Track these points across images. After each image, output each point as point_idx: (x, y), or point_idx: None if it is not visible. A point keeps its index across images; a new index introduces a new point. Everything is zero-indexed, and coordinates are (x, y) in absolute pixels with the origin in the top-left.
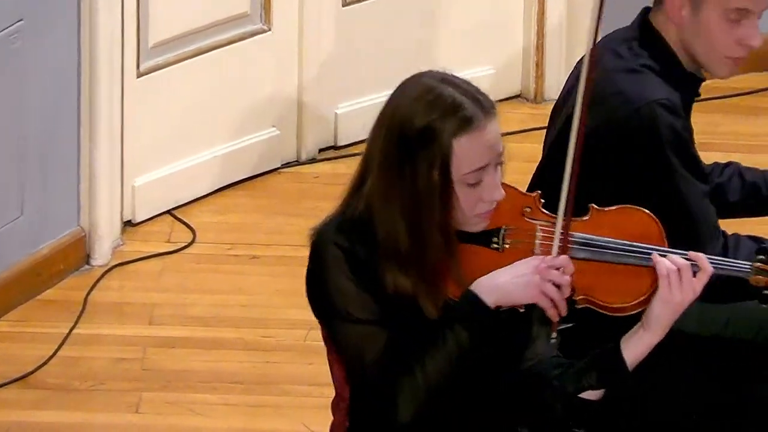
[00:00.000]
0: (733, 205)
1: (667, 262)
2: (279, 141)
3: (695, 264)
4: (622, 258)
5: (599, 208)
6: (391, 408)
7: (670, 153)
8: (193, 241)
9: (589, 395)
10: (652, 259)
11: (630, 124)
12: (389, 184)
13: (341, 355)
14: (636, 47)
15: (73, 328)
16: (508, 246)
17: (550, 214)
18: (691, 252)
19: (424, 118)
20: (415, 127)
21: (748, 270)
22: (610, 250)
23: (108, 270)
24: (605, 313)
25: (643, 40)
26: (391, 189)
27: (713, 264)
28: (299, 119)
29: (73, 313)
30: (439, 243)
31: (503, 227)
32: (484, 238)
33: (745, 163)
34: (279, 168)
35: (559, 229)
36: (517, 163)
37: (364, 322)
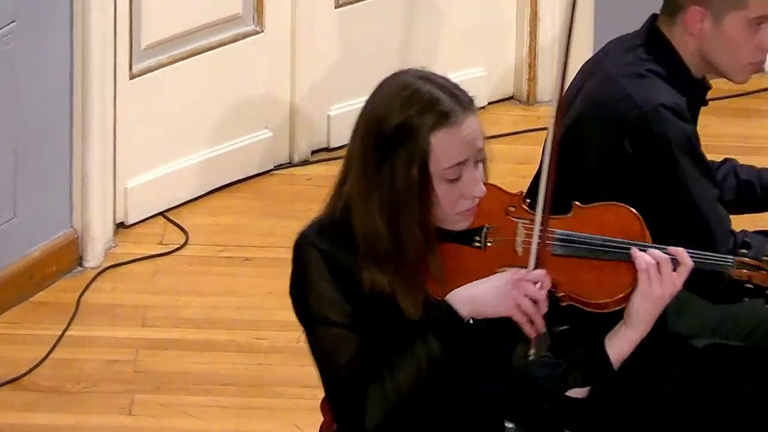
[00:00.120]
0: (728, 204)
1: (646, 256)
2: (272, 143)
3: (675, 258)
4: (602, 253)
5: (582, 206)
6: (360, 413)
7: (680, 156)
8: (185, 243)
9: (575, 393)
10: (631, 253)
11: (638, 129)
12: (368, 182)
13: (314, 357)
14: (642, 53)
15: (65, 330)
16: (491, 244)
17: (533, 212)
18: (670, 247)
19: (401, 115)
20: (392, 125)
21: (730, 263)
22: (591, 246)
23: (100, 272)
24: (589, 310)
25: (649, 47)
26: (370, 187)
27: (693, 258)
28: (292, 121)
29: (65, 315)
30: (419, 240)
31: (486, 225)
32: (466, 236)
33: None
34: (272, 170)
35: (536, 243)
36: (510, 165)
37: (339, 326)
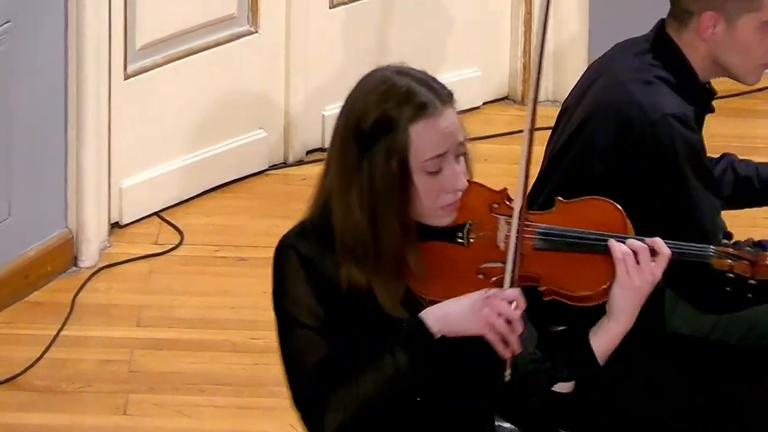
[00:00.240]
0: (726, 199)
1: (622, 246)
2: (266, 143)
3: (653, 249)
4: (582, 246)
5: (565, 200)
6: (319, 418)
7: (685, 167)
8: (180, 243)
9: (560, 387)
10: (608, 244)
11: (645, 136)
12: (348, 177)
13: (283, 358)
14: (651, 59)
15: (60, 329)
16: (474, 240)
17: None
18: (648, 238)
19: (378, 109)
20: (371, 119)
21: (711, 253)
22: (570, 239)
23: (95, 272)
24: (572, 304)
25: (658, 53)
26: (351, 181)
27: (672, 247)
28: (286, 121)
29: (60, 315)
30: (398, 235)
31: (468, 222)
32: (449, 233)
33: None
34: (266, 170)
35: (512, 262)
36: (504, 165)
37: (310, 329)
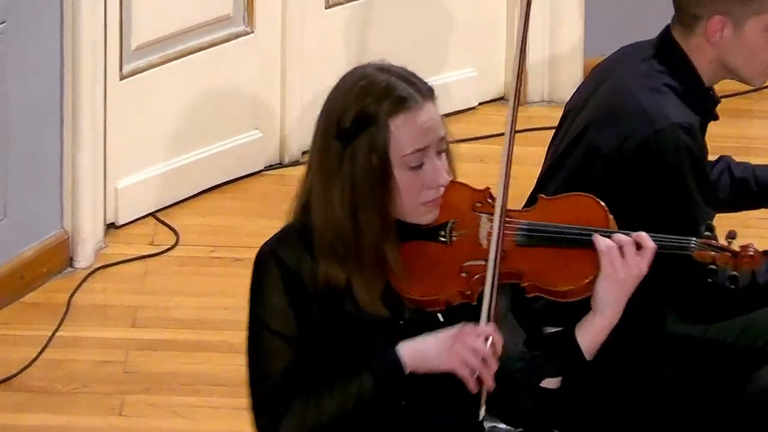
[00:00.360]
0: (722, 201)
1: (607, 239)
2: (262, 143)
3: (638, 243)
4: (565, 241)
5: (547, 197)
6: (273, 427)
7: (688, 178)
8: (176, 244)
9: (547, 383)
10: (592, 239)
11: (649, 144)
12: (329, 173)
13: (248, 360)
14: (657, 65)
15: (56, 330)
16: (456, 238)
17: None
18: (633, 232)
19: (358, 105)
20: (350, 116)
21: (693, 245)
22: (553, 234)
23: (91, 272)
24: (556, 299)
25: (664, 59)
26: (331, 178)
27: (655, 240)
28: (282, 121)
29: (56, 316)
30: (377, 231)
31: (451, 221)
32: (432, 232)
33: None
34: (262, 170)
35: (488, 296)
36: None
37: (280, 336)
